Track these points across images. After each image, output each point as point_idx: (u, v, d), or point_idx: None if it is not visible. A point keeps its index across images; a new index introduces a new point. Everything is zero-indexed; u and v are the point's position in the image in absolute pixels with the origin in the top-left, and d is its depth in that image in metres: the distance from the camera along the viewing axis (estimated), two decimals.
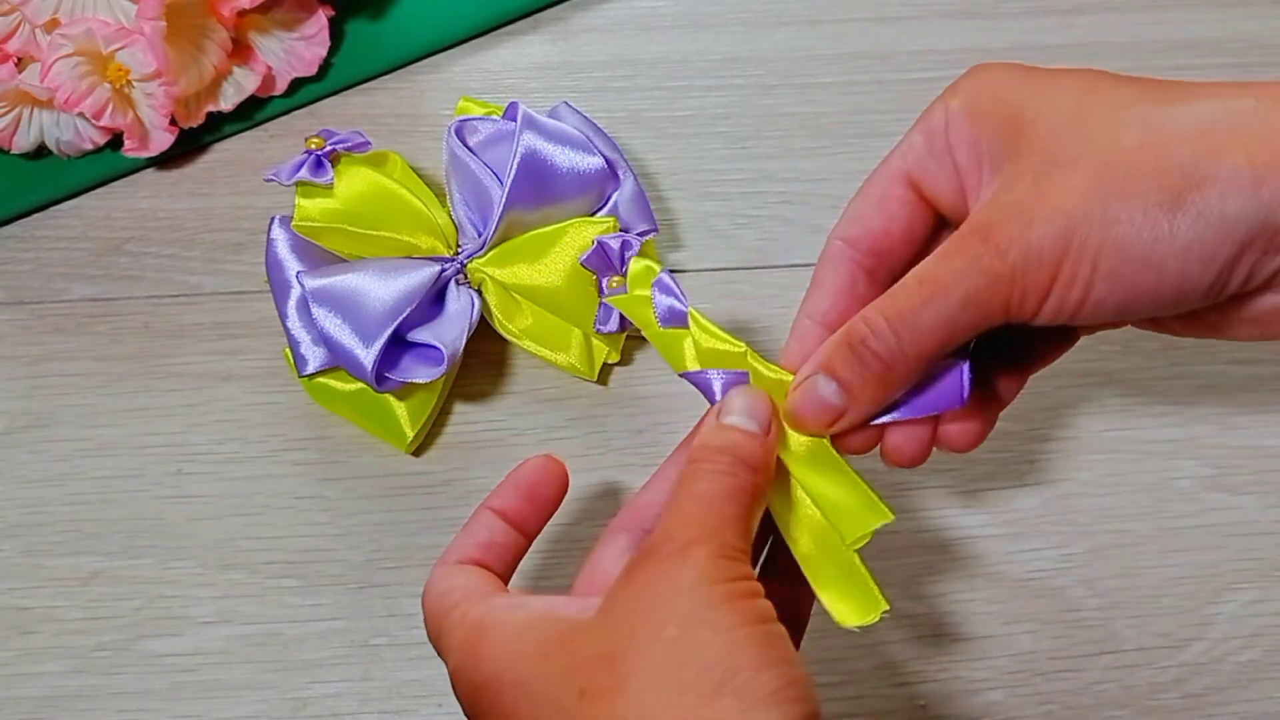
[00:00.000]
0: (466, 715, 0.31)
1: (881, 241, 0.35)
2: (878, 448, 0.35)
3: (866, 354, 0.32)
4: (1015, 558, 0.44)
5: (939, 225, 0.35)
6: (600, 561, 0.34)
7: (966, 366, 0.34)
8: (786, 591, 0.35)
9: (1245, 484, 0.45)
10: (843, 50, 0.54)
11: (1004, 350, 0.36)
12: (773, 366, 0.35)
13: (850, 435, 0.34)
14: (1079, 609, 0.43)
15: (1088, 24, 0.55)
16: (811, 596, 0.34)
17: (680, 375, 0.36)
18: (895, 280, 0.34)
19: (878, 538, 0.44)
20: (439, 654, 0.33)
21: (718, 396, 0.35)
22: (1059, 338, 0.36)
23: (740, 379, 0.35)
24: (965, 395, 0.33)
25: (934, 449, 0.35)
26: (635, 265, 0.37)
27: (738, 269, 0.49)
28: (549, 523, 0.36)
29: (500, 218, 0.44)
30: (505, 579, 0.35)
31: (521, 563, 0.36)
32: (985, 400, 0.36)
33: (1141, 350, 0.48)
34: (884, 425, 0.34)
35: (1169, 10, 0.55)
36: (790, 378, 0.34)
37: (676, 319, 0.36)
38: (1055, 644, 0.43)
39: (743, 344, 0.35)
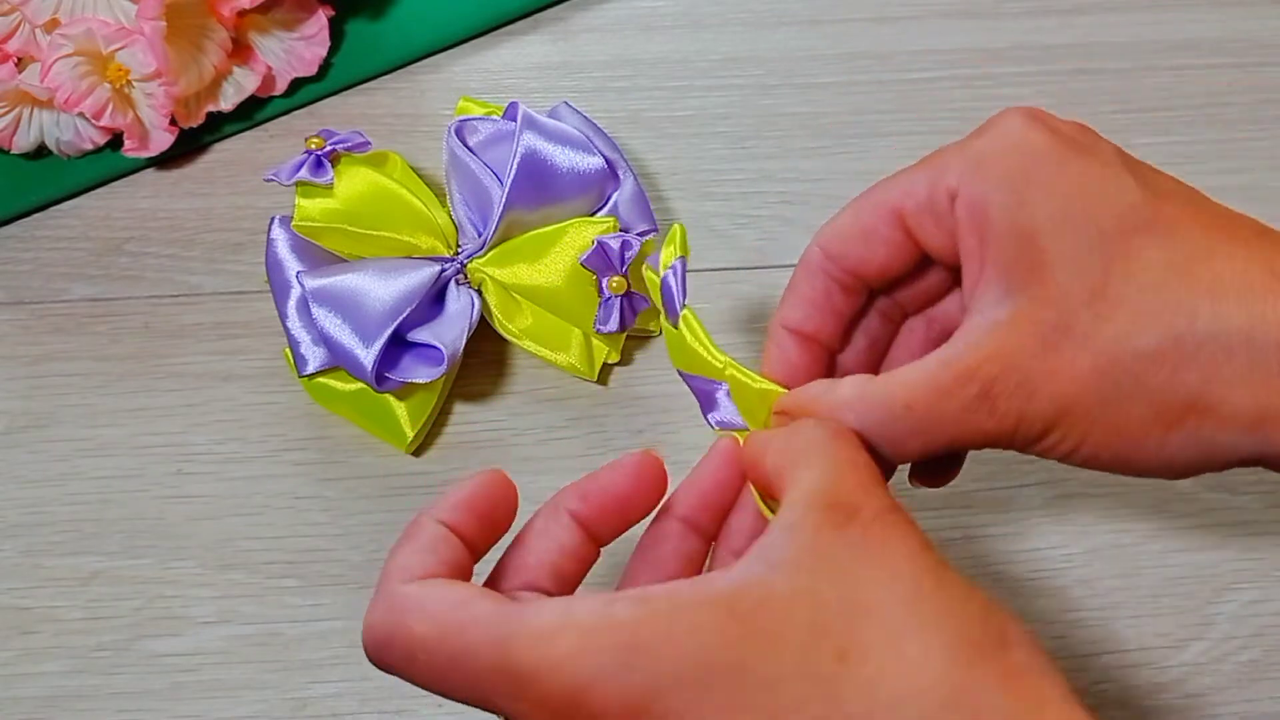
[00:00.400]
0: None
1: (859, 266, 0.34)
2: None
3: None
4: (1015, 557, 0.44)
5: (924, 261, 0.34)
6: (658, 551, 0.32)
7: None
8: None
9: (1245, 484, 0.45)
10: (843, 50, 0.54)
11: None
12: (755, 377, 0.34)
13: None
14: (1079, 609, 0.43)
15: (1088, 24, 0.55)
16: None
17: (679, 372, 0.36)
18: (869, 295, 0.35)
19: None
20: (470, 694, 0.27)
21: (721, 409, 0.34)
22: None
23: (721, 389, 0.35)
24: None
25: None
26: (666, 253, 0.36)
27: (738, 269, 0.49)
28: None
29: (500, 218, 0.44)
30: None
31: None
32: None
33: None
34: None
35: (1169, 10, 0.55)
36: (774, 388, 0.33)
37: (671, 311, 0.36)
38: (1055, 644, 0.43)
39: (725, 357, 0.34)
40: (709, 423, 0.35)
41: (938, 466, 0.35)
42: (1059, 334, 0.29)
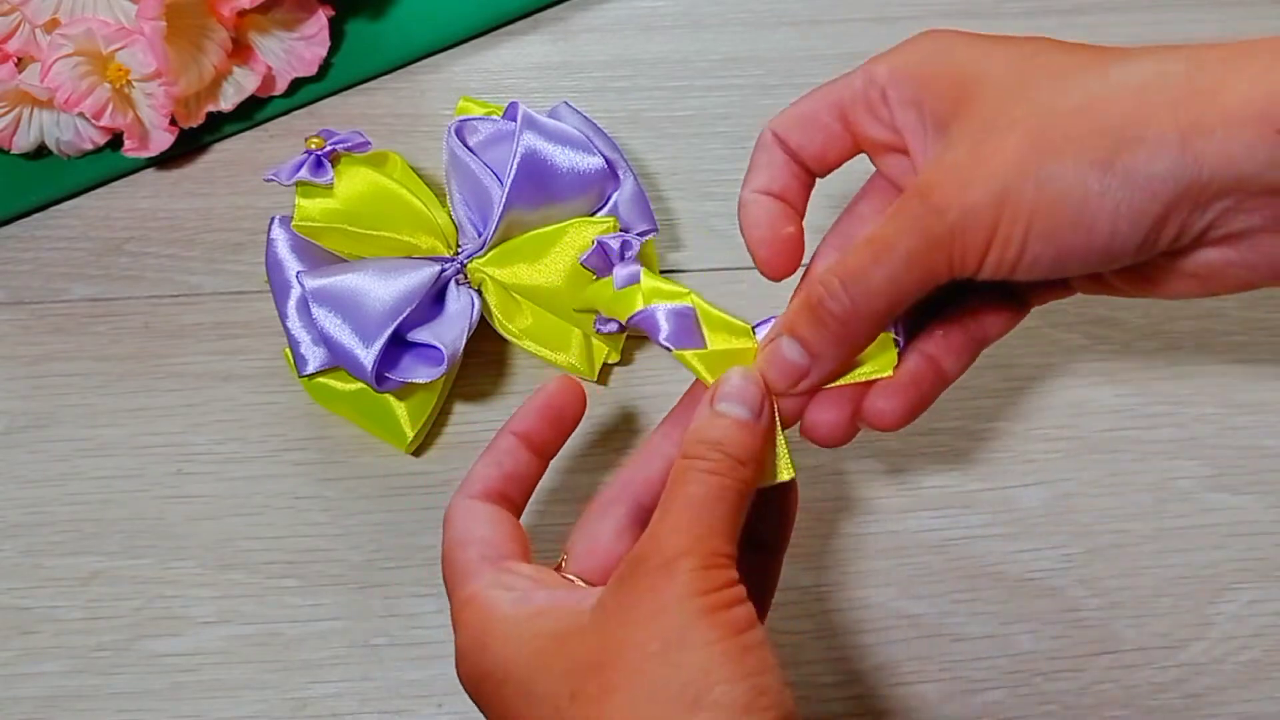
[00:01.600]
0: (467, 693, 0.33)
1: (799, 151, 0.37)
2: (797, 425, 0.36)
3: (824, 313, 0.33)
4: (1015, 558, 0.44)
5: (855, 154, 0.37)
6: (599, 536, 0.35)
7: (896, 330, 0.35)
8: (763, 559, 0.37)
9: (1245, 484, 0.45)
10: (843, 50, 0.54)
11: (950, 319, 0.36)
12: (720, 312, 0.36)
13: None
14: (1079, 609, 0.43)
15: (1088, 24, 0.55)
16: (779, 564, 0.37)
17: (628, 321, 0.37)
18: (809, 174, 0.38)
19: (879, 537, 0.44)
20: (449, 601, 0.34)
21: (662, 330, 0.36)
22: (1008, 308, 0.37)
23: (686, 314, 0.36)
24: (894, 363, 0.35)
25: (860, 430, 0.36)
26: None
27: (738, 269, 0.49)
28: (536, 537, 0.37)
29: (500, 218, 0.44)
30: (521, 508, 0.37)
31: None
32: (921, 375, 0.36)
33: (1141, 350, 0.48)
34: (805, 400, 0.35)
35: (1169, 10, 0.55)
36: (741, 324, 0.36)
37: (629, 279, 0.37)
38: (1055, 644, 0.43)
39: (688, 290, 0.37)
40: (661, 344, 0.36)
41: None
42: (986, 130, 0.32)
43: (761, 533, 0.37)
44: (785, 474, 0.34)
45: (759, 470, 0.33)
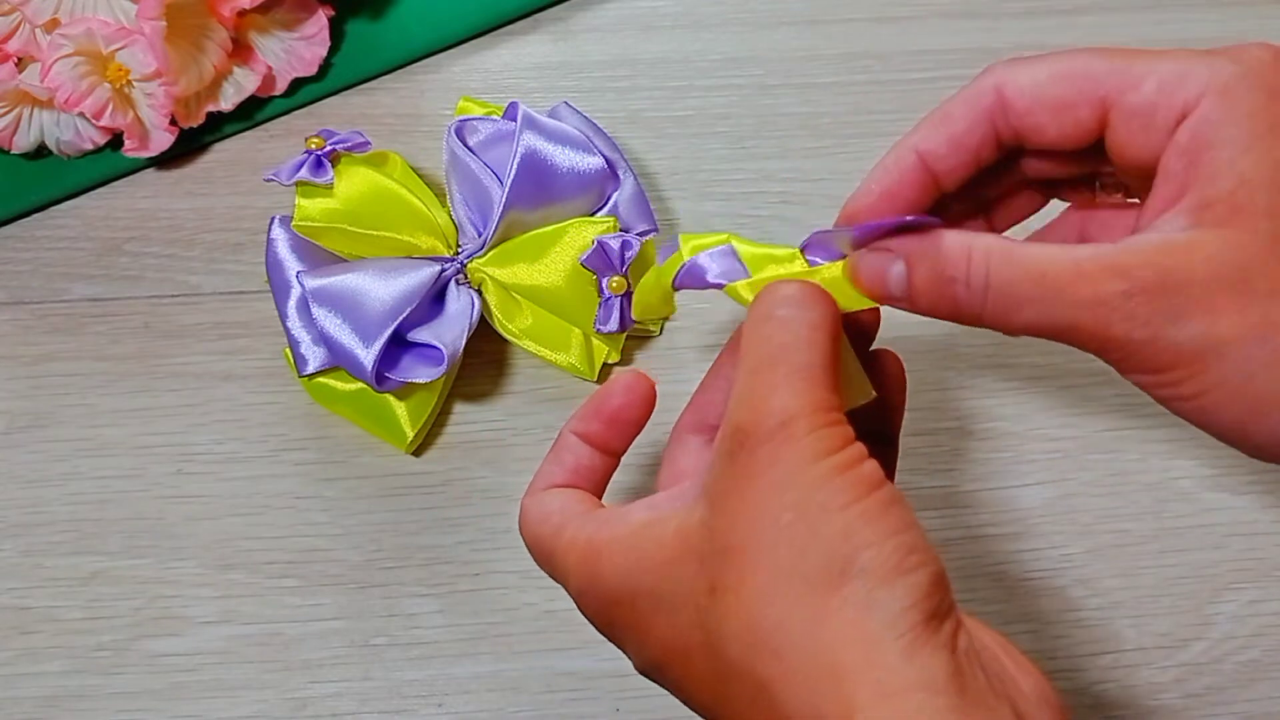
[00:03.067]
0: (601, 631, 0.32)
1: (1033, 133, 0.32)
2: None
3: (947, 290, 0.30)
4: (1015, 558, 0.44)
5: (1097, 147, 0.32)
6: (678, 462, 0.34)
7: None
8: (879, 450, 0.34)
9: (1245, 484, 0.45)
10: (843, 50, 0.54)
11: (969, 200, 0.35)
12: (761, 247, 0.34)
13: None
14: (1079, 609, 0.43)
15: (1088, 24, 0.55)
16: (895, 454, 0.35)
17: (676, 283, 0.35)
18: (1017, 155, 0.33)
19: None
20: (553, 578, 0.33)
21: (709, 270, 0.33)
22: (1030, 196, 0.35)
23: (727, 251, 0.34)
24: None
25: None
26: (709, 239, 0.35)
27: None
28: None
29: (500, 218, 0.44)
30: (597, 497, 0.35)
31: None
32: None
33: None
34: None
35: (1169, 10, 0.55)
36: (786, 250, 0.33)
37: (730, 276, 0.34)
38: (1055, 644, 0.43)
39: (725, 234, 0.34)
40: (711, 285, 0.34)
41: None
42: (1236, 275, 0.28)
43: (873, 423, 0.34)
44: (870, 393, 0.32)
45: (839, 321, 0.31)
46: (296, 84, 0.52)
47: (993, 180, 0.34)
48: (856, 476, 0.27)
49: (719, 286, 0.34)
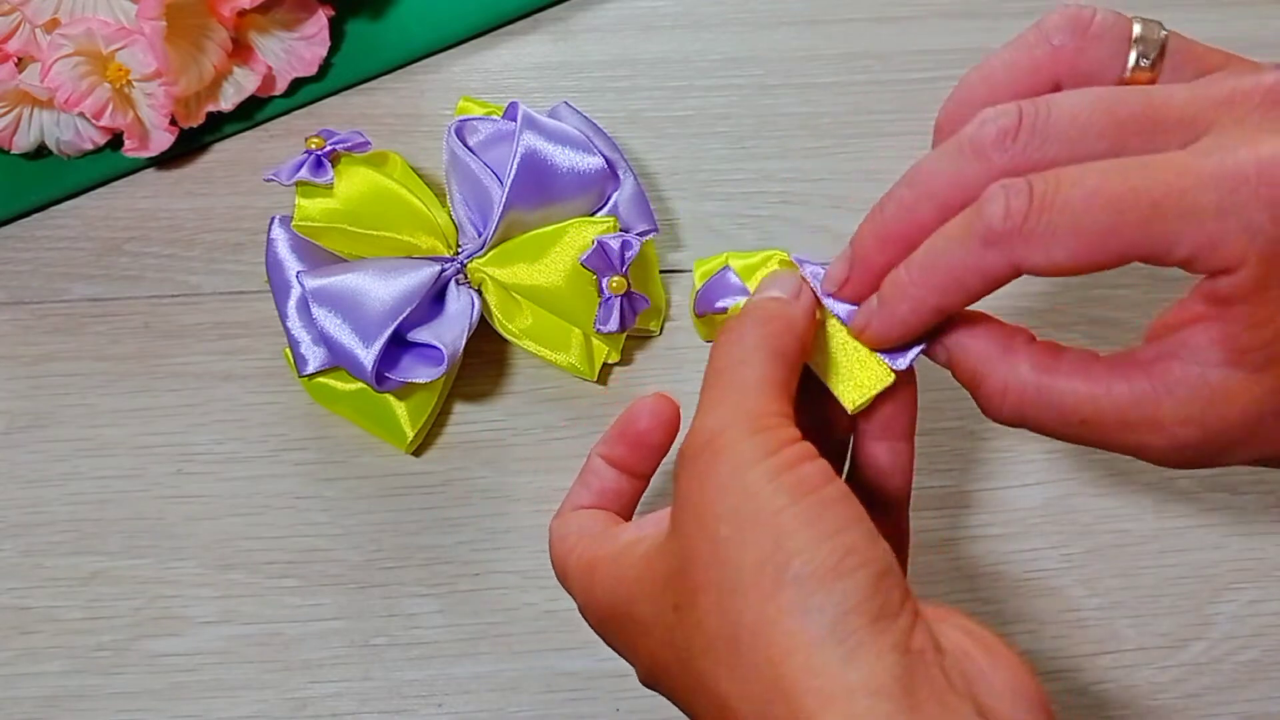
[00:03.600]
0: (607, 645, 0.33)
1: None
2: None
3: (983, 402, 0.31)
4: (1015, 558, 0.44)
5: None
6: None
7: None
8: (888, 518, 0.35)
9: (1245, 484, 0.45)
10: (843, 50, 0.54)
11: None
12: (753, 257, 0.36)
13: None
14: (1079, 609, 0.43)
15: None
16: (906, 519, 0.35)
17: (698, 310, 0.36)
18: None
19: None
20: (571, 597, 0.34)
21: (716, 297, 0.35)
22: None
23: (724, 275, 0.36)
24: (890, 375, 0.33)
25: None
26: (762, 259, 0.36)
27: None
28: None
29: (500, 218, 0.44)
30: (626, 519, 0.35)
31: None
32: None
33: None
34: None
35: (1169, 10, 0.55)
36: (771, 252, 0.36)
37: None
38: (1055, 644, 0.43)
39: (724, 255, 0.36)
40: (718, 310, 0.35)
41: None
42: (1277, 414, 0.28)
43: (881, 490, 0.34)
44: (851, 395, 0.32)
45: (802, 332, 0.31)
46: (296, 84, 0.52)
47: None
48: (794, 478, 0.27)
49: (724, 311, 0.35)
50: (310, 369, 0.44)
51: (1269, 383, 0.28)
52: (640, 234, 0.45)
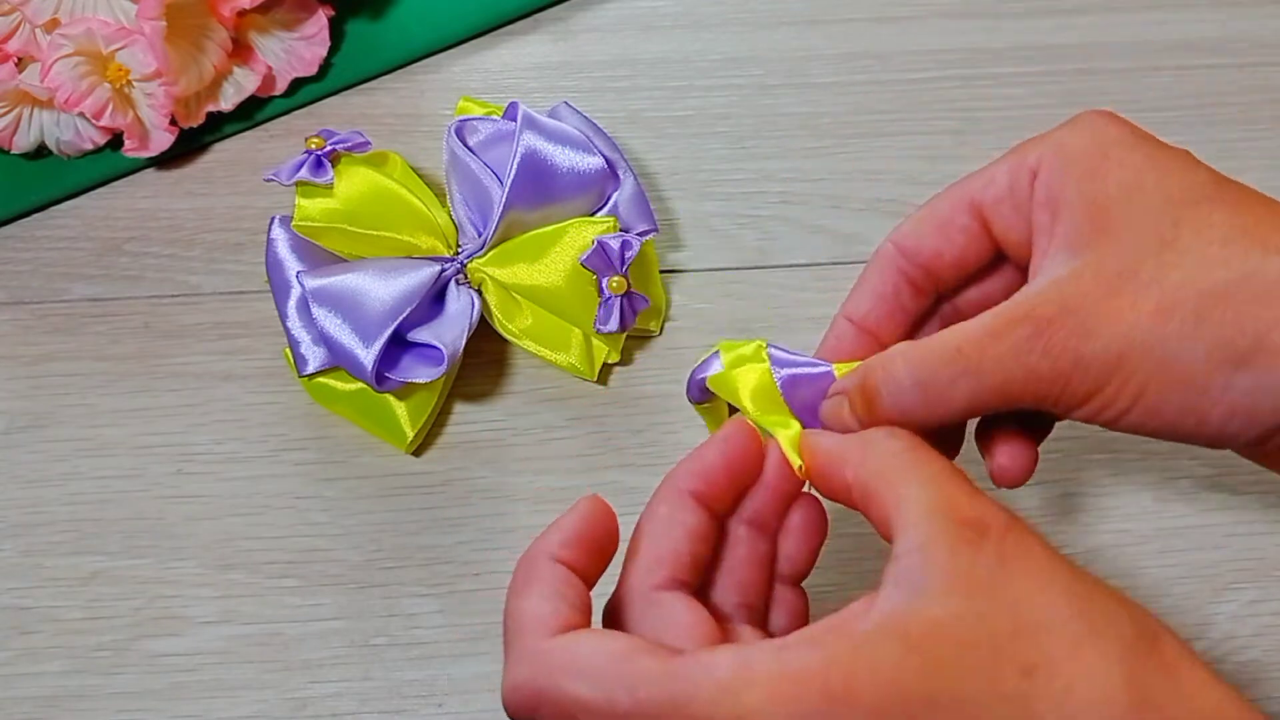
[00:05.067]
0: None
1: (933, 261, 0.34)
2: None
3: (880, 404, 0.32)
4: None
5: (997, 258, 0.35)
6: (678, 619, 0.29)
7: None
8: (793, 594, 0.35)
9: (1245, 484, 0.45)
10: (843, 50, 0.54)
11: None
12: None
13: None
14: None
15: (1088, 24, 0.55)
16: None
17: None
18: (938, 295, 0.35)
19: (877, 538, 0.44)
20: None
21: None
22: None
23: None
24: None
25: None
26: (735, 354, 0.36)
27: (738, 269, 0.49)
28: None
29: (500, 218, 0.44)
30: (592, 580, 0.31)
31: None
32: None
33: None
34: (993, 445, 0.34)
35: (1169, 10, 0.55)
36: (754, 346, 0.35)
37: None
38: None
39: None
40: (692, 396, 0.36)
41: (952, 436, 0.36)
42: (1122, 279, 0.30)
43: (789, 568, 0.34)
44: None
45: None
46: (296, 84, 0.52)
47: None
48: (1039, 540, 0.28)
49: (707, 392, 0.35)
50: (310, 369, 0.44)
51: (1107, 251, 0.30)
52: (640, 234, 0.45)
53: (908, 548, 0.28)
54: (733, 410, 0.36)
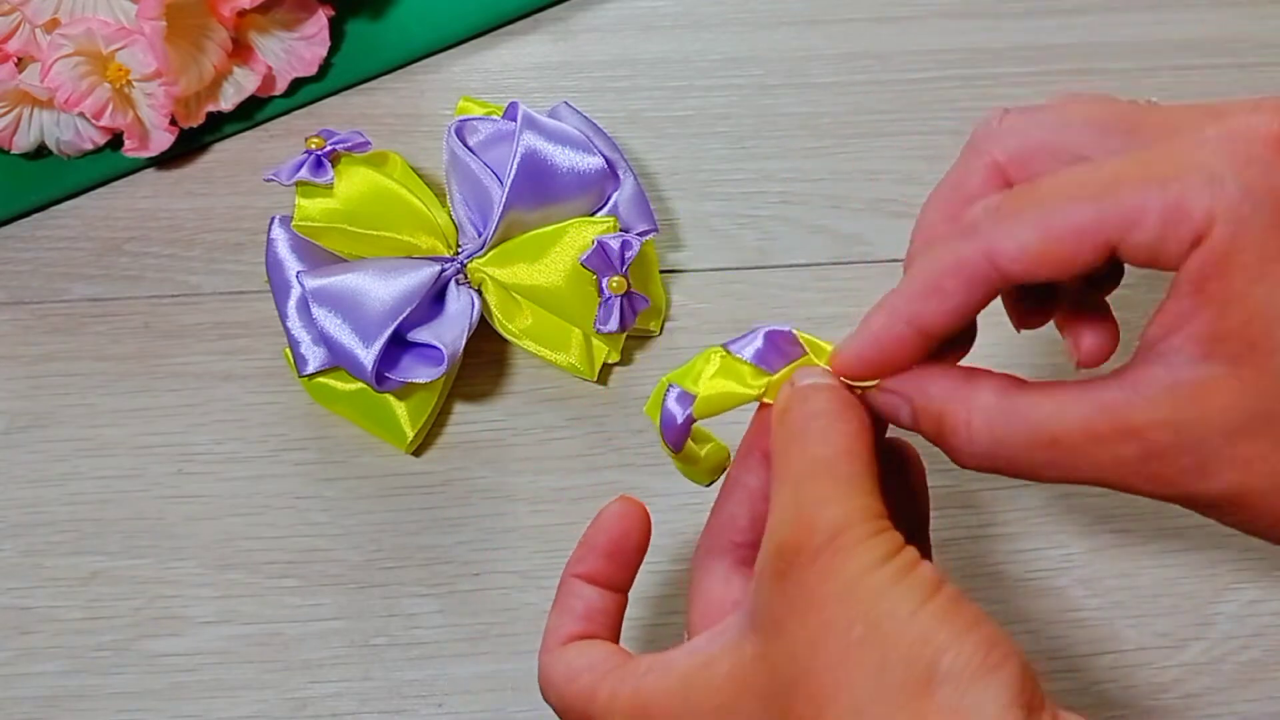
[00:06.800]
0: None
1: (1036, 281, 0.29)
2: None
3: (948, 444, 0.29)
4: (1015, 558, 0.44)
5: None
6: (709, 592, 0.31)
7: None
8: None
9: None
10: (843, 50, 0.54)
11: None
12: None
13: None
14: (1079, 609, 0.43)
15: (1088, 24, 0.55)
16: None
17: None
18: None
19: None
20: None
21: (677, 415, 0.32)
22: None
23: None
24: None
25: None
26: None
27: (738, 269, 0.49)
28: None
29: (500, 218, 0.44)
30: (617, 638, 0.32)
31: None
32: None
33: None
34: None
35: (1169, 10, 0.55)
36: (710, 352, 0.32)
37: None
38: (1055, 644, 0.43)
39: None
40: (680, 424, 0.33)
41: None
42: (1257, 420, 0.26)
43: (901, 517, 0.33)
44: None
45: (869, 419, 0.30)
46: (296, 84, 0.52)
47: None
48: (918, 579, 0.26)
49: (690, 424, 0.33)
50: (310, 369, 0.44)
51: (1249, 377, 0.26)
52: (640, 234, 0.45)
53: (755, 576, 0.28)
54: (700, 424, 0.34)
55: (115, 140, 0.49)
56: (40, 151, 0.50)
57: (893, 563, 0.26)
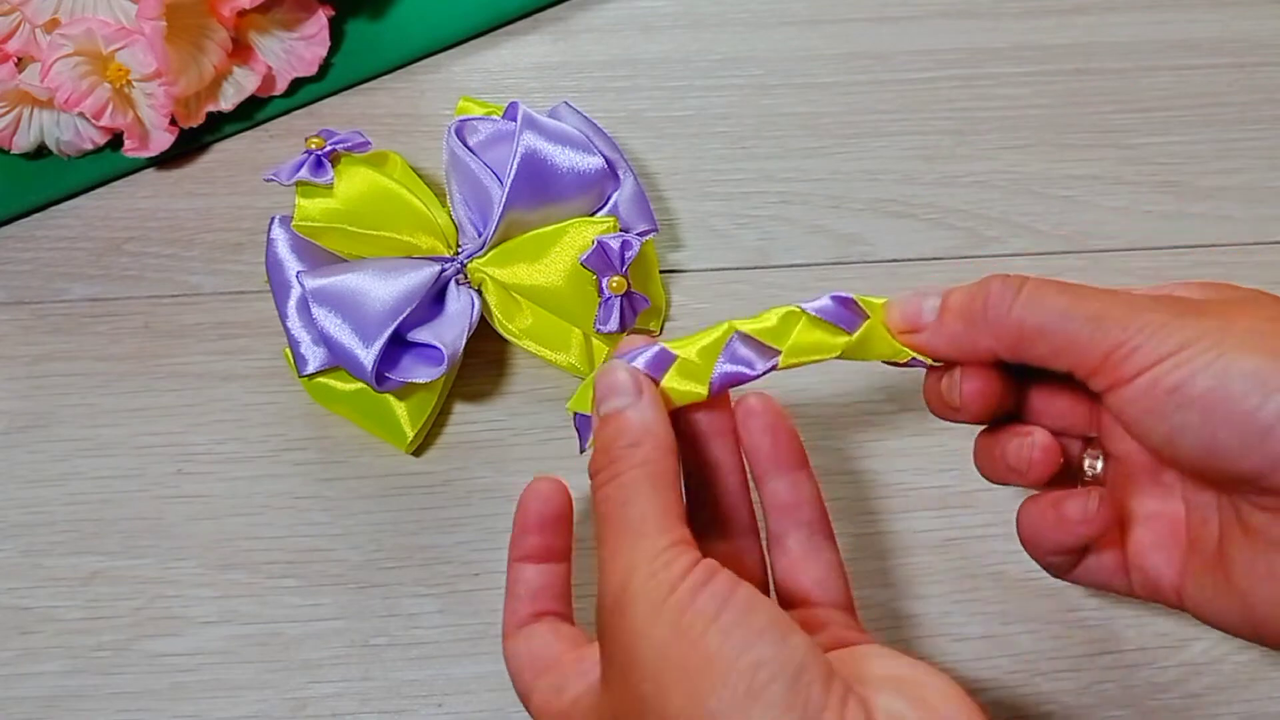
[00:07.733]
0: None
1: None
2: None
3: (977, 305, 0.33)
4: (1015, 558, 0.44)
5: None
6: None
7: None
8: (727, 546, 0.36)
9: None
10: (843, 50, 0.54)
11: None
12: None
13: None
14: (1079, 609, 0.43)
15: (1088, 24, 0.55)
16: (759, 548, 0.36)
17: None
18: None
19: (877, 538, 0.44)
20: None
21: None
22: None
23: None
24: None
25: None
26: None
27: (738, 269, 0.49)
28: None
29: (500, 218, 0.44)
30: (568, 608, 0.35)
31: None
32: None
33: None
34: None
35: (1169, 10, 0.55)
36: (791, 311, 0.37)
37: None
38: (1055, 644, 0.43)
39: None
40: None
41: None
42: None
43: (719, 514, 0.36)
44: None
45: (657, 436, 0.31)
46: (296, 84, 0.52)
47: None
48: (695, 611, 0.27)
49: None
50: (310, 369, 0.44)
51: None
52: (640, 234, 0.45)
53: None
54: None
55: (115, 140, 0.49)
56: (40, 151, 0.50)
57: (670, 600, 0.27)
